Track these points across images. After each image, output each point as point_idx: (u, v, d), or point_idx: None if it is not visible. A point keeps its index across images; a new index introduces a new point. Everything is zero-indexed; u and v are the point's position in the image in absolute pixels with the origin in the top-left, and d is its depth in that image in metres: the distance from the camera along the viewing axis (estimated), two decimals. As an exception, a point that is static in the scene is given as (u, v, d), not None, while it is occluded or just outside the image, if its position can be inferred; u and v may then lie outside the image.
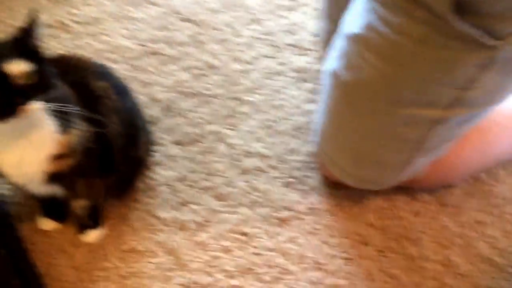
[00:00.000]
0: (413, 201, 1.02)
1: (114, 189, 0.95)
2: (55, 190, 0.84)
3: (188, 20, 1.29)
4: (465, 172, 1.02)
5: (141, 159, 0.96)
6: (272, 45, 1.23)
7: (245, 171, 1.04)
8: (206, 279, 0.91)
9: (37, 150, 0.76)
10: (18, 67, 0.69)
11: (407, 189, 1.01)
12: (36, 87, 0.70)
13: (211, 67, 1.20)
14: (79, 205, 0.90)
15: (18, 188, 0.94)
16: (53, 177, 0.79)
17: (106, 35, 1.24)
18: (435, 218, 1.00)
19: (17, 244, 0.89)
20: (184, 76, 1.18)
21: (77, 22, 1.26)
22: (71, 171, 0.79)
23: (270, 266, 0.93)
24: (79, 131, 0.78)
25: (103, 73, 0.90)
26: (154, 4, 1.32)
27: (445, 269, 0.94)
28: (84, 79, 0.86)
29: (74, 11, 1.28)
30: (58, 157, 0.77)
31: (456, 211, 1.01)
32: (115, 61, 1.19)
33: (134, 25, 1.27)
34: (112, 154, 0.88)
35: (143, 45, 1.23)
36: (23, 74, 0.69)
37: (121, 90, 0.91)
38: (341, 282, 0.92)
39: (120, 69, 1.15)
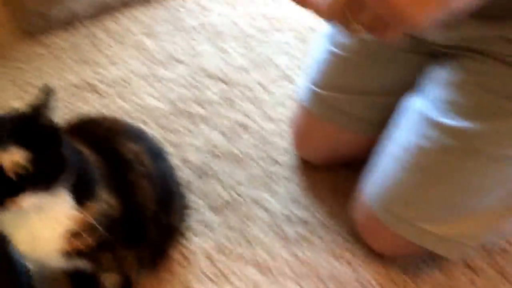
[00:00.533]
0: (468, 269, 0.94)
1: (148, 260, 0.87)
2: (79, 264, 0.76)
3: (216, 78, 1.24)
4: None
5: (175, 226, 0.89)
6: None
7: (286, 239, 0.97)
8: None
9: (51, 227, 0.68)
10: (11, 157, 0.60)
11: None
12: (32, 178, 0.61)
13: (243, 126, 1.14)
14: (110, 281, 0.82)
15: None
16: (71, 255, 0.71)
17: (134, 94, 1.20)
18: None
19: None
20: (216, 136, 1.12)
21: (104, 83, 1.21)
22: (93, 247, 0.72)
23: None
24: (103, 202, 0.71)
25: (137, 135, 0.84)
26: (180, 62, 1.28)
27: None
28: (115, 143, 0.80)
29: (101, 70, 1.24)
30: (76, 234, 0.69)
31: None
32: (143, 122, 1.14)
33: (161, 83, 1.23)
34: (143, 222, 0.81)
35: (172, 104, 1.18)
36: (16, 165, 0.60)
37: (155, 153, 0.85)
38: None
39: (149, 130, 1.09)
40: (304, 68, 1.17)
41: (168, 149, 1.08)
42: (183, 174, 1.05)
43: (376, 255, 0.95)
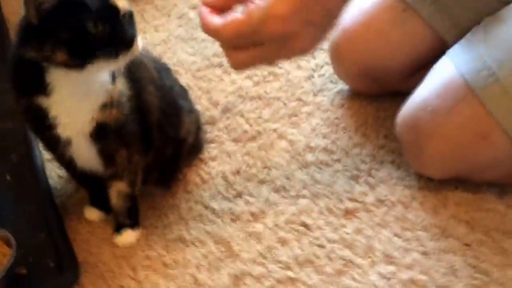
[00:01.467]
0: (505, 194, 0.86)
1: (158, 174, 0.89)
2: (96, 164, 0.79)
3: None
4: None
5: (185, 141, 0.90)
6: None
7: (306, 165, 0.95)
8: (258, 270, 0.80)
9: (92, 97, 0.73)
10: (125, 3, 0.68)
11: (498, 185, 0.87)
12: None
13: (274, 74, 1.15)
14: (118, 191, 0.83)
15: (67, 174, 0.91)
16: (99, 131, 0.74)
17: (173, 53, 1.25)
18: (534, 210, 0.84)
19: (57, 228, 0.84)
20: (246, 83, 1.14)
21: (148, 44, 1.27)
22: (115, 127, 0.75)
23: (332, 259, 0.81)
24: (123, 86, 0.75)
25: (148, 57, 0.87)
26: (220, 27, 1.32)
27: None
28: None
29: (147, 36, 1.30)
30: (106, 106, 0.73)
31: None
32: (178, 73, 1.18)
33: (198, 44, 1.28)
34: (149, 129, 0.83)
35: (207, 59, 1.22)
36: (128, 12, 0.68)
37: (161, 68, 0.88)
38: (419, 277, 0.77)
39: (182, 79, 1.13)
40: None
41: (199, 93, 1.12)
42: (211, 112, 1.07)
43: (396, 177, 0.90)
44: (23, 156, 0.97)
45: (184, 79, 1.14)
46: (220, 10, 0.61)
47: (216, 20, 0.59)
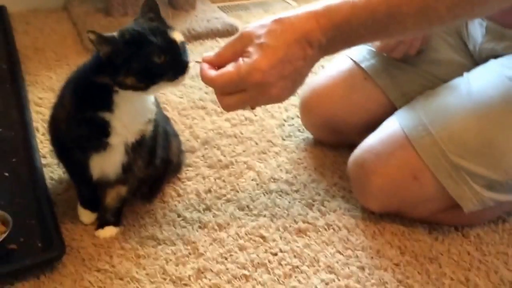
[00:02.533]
0: (433, 230, 1.02)
1: (147, 189, 1.03)
2: (114, 170, 0.93)
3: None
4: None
5: (171, 162, 1.06)
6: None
7: (269, 191, 1.10)
8: (218, 267, 0.92)
9: (143, 113, 0.89)
10: (179, 36, 0.83)
11: (428, 222, 1.03)
12: None
13: (250, 119, 1.33)
14: (117, 194, 0.97)
15: (69, 177, 1.04)
16: (138, 141, 0.90)
17: (163, 94, 1.42)
18: (455, 244, 0.99)
19: (50, 217, 0.96)
20: (225, 124, 1.31)
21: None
22: (147, 139, 0.92)
23: (282, 265, 0.94)
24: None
25: None
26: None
27: (464, 287, 0.91)
28: None
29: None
30: (149, 121, 0.91)
31: (478, 241, 1.00)
32: (166, 110, 1.34)
33: (186, 89, 1.46)
34: (154, 150, 0.98)
35: (193, 102, 1.40)
36: (182, 42, 0.83)
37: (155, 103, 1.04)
38: (353, 284, 0.91)
39: (169, 115, 1.29)
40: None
41: (182, 127, 1.28)
42: (191, 143, 1.23)
43: (344, 208, 1.06)
44: (21, 159, 1.11)
45: (170, 115, 1.31)
46: (217, 66, 0.77)
47: (212, 72, 0.76)
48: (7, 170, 1.08)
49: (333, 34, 0.74)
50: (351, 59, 1.16)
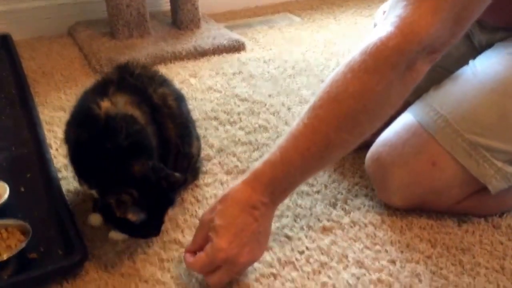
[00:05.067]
0: (463, 222, 1.00)
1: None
2: None
3: (245, 100, 1.45)
4: None
5: (193, 155, 1.04)
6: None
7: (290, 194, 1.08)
8: (245, 267, 0.90)
9: None
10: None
11: (456, 215, 1.01)
12: None
13: (264, 127, 1.32)
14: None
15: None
16: None
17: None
18: (487, 235, 0.97)
19: (70, 225, 0.94)
20: (239, 132, 1.30)
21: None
22: None
23: (310, 262, 0.91)
24: None
25: (164, 81, 1.03)
26: (218, 91, 1.51)
27: (500, 275, 0.88)
28: (146, 86, 0.98)
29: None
30: None
31: (510, 231, 0.98)
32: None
33: (198, 102, 1.45)
34: (167, 154, 0.96)
35: (205, 113, 1.39)
36: None
37: (178, 96, 1.03)
38: (385, 277, 0.88)
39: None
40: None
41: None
42: (205, 151, 1.21)
43: (368, 206, 1.04)
44: (36, 174, 1.10)
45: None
46: (196, 252, 0.83)
47: (191, 259, 0.82)
48: (22, 185, 1.07)
49: (271, 190, 0.83)
50: None
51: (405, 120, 1.00)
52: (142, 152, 0.85)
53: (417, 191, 0.97)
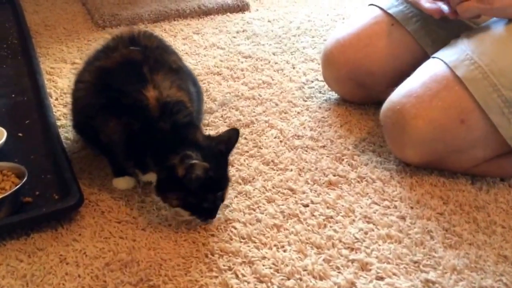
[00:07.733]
0: (477, 181, 0.95)
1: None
2: None
3: (248, 57, 1.40)
4: None
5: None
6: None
7: (293, 148, 1.04)
8: (246, 217, 0.86)
9: None
10: None
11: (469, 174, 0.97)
12: None
13: (268, 83, 1.27)
14: None
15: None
16: None
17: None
18: (502, 194, 0.92)
19: (67, 170, 0.90)
20: (242, 87, 1.25)
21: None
22: None
23: (315, 215, 0.87)
24: None
25: (167, 46, 1.00)
26: (221, 48, 1.46)
27: (516, 233, 0.84)
28: (163, 55, 0.94)
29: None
30: None
31: (523, 191, 0.93)
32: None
33: (201, 57, 1.40)
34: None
35: (208, 68, 1.34)
36: None
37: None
38: (395, 233, 0.83)
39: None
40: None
41: (198, 91, 1.21)
42: (207, 104, 1.17)
43: (376, 162, 0.99)
44: (34, 120, 1.07)
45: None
46: None
47: None
48: (21, 131, 1.04)
49: None
50: (378, 6, 1.10)
51: (435, 69, 0.92)
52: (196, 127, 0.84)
53: (438, 148, 0.92)
